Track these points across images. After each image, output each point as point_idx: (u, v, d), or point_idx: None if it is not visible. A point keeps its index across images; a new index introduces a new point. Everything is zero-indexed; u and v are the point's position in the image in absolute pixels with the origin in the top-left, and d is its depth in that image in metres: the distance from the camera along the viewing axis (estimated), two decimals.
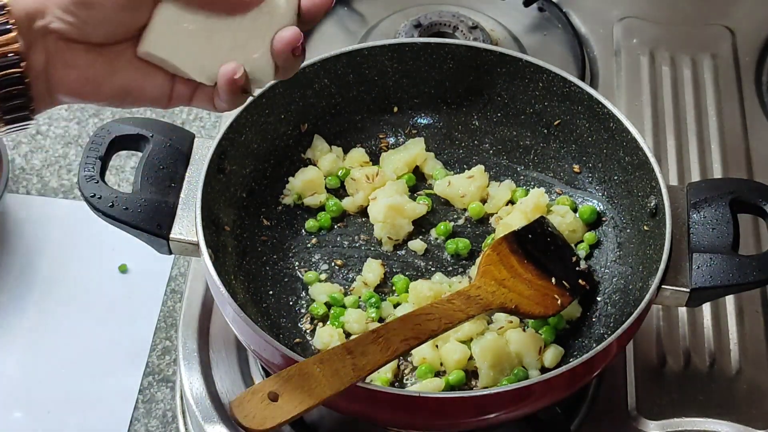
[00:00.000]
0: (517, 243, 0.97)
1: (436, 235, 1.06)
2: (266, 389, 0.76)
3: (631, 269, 1.00)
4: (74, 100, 0.74)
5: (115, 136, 0.98)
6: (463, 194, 1.07)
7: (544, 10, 1.36)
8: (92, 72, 0.72)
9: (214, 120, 1.38)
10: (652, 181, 0.97)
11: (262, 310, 0.99)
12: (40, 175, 1.31)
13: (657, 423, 1.01)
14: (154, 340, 1.18)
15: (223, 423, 0.99)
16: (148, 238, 0.95)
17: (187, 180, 0.98)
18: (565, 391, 0.90)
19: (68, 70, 0.71)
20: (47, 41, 0.70)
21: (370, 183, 1.06)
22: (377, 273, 1.02)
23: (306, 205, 1.07)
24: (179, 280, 1.22)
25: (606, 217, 1.05)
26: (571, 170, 1.08)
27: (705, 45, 1.33)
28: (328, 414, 0.99)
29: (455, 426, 0.91)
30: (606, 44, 1.33)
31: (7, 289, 1.20)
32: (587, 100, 1.03)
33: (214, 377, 1.03)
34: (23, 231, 1.26)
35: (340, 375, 0.79)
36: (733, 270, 0.92)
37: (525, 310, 0.93)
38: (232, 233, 1.01)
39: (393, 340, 0.83)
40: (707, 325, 1.08)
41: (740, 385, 1.04)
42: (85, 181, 0.95)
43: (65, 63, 0.71)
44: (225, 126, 1.00)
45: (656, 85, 1.29)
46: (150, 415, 1.13)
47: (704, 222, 0.95)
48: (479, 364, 0.95)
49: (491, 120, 1.11)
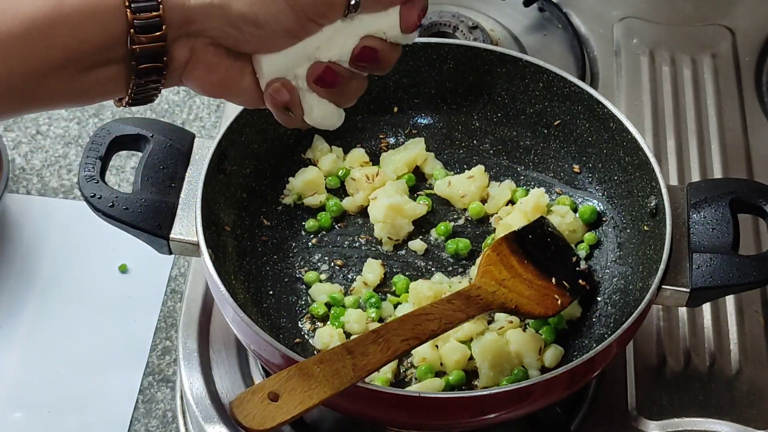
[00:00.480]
0: (517, 243, 0.97)
1: (436, 235, 1.06)
2: (266, 389, 0.76)
3: (631, 269, 1.00)
4: (200, 93, 0.76)
5: (116, 136, 0.98)
6: (464, 194, 1.07)
7: (544, 10, 1.36)
8: (228, 75, 0.75)
9: (214, 120, 1.38)
10: (652, 181, 0.97)
11: (262, 310, 0.99)
12: (40, 175, 1.31)
13: (657, 423, 1.01)
14: (154, 340, 1.18)
15: (223, 423, 0.99)
16: (148, 238, 0.95)
17: (187, 180, 0.98)
18: (565, 391, 0.90)
19: (209, 72, 0.73)
20: (196, 42, 0.72)
21: (370, 183, 1.06)
22: (377, 273, 1.02)
23: (306, 205, 1.07)
24: (179, 280, 1.22)
25: (606, 217, 1.05)
26: (571, 170, 1.08)
27: (705, 45, 1.33)
28: (328, 414, 0.99)
29: (455, 426, 0.91)
30: (606, 44, 1.33)
31: (7, 289, 1.20)
32: (587, 100, 1.03)
33: (214, 377, 1.03)
34: (23, 231, 1.26)
35: (340, 375, 0.79)
36: (733, 270, 0.92)
37: (525, 311, 0.93)
38: (233, 233, 1.01)
39: (393, 341, 0.83)
40: (707, 325, 1.08)
41: (740, 385, 1.04)
42: (85, 181, 0.95)
43: (207, 65, 0.73)
44: (225, 126, 1.00)
45: (656, 85, 1.29)
46: (150, 415, 1.13)
47: (704, 222, 0.95)
48: (479, 364, 0.95)
49: (491, 120, 1.11)
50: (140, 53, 0.70)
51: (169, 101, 1.39)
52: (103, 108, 1.38)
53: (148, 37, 0.69)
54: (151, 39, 0.69)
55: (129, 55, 0.70)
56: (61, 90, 0.70)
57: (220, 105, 1.39)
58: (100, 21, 0.68)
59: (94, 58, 0.69)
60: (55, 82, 0.69)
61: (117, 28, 0.69)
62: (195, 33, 0.71)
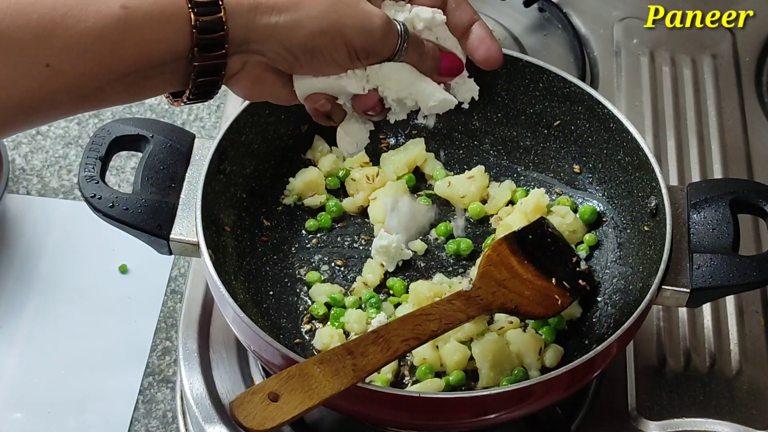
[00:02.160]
0: (517, 244, 0.97)
1: (436, 236, 1.06)
2: (266, 389, 0.76)
3: (632, 269, 1.00)
4: (240, 97, 0.80)
5: (116, 137, 0.98)
6: (464, 195, 1.07)
7: (544, 10, 1.36)
8: (271, 89, 0.78)
9: (214, 120, 1.38)
10: (652, 181, 0.97)
11: (263, 310, 0.99)
12: (41, 175, 1.31)
13: (657, 423, 1.01)
14: (155, 340, 1.18)
15: (223, 423, 0.99)
16: (148, 238, 0.95)
17: (188, 180, 0.98)
18: (566, 392, 0.90)
19: (255, 84, 0.77)
20: (251, 58, 0.75)
21: (371, 183, 1.06)
22: (377, 273, 1.02)
23: (306, 205, 1.07)
24: (179, 281, 1.22)
25: (606, 217, 1.05)
26: (571, 170, 1.08)
27: (705, 45, 1.33)
28: (328, 414, 1.00)
29: (455, 426, 0.91)
30: (606, 45, 1.33)
31: (7, 289, 1.20)
32: (587, 100, 1.03)
33: (214, 377, 1.03)
34: (23, 231, 1.26)
35: (341, 375, 0.79)
36: (733, 270, 0.92)
37: (525, 311, 0.93)
38: (233, 233, 1.01)
39: (393, 341, 0.83)
40: (707, 326, 1.08)
41: (740, 385, 1.04)
42: (86, 182, 0.95)
43: (255, 78, 0.76)
44: (225, 126, 1.00)
45: (656, 86, 1.29)
46: (150, 415, 1.13)
47: (704, 222, 0.95)
48: (479, 364, 0.95)
49: (491, 120, 1.11)
50: (199, 69, 0.72)
51: None
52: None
53: (209, 56, 0.71)
54: (212, 57, 0.72)
55: (189, 68, 0.72)
56: (120, 96, 0.72)
57: (220, 105, 1.39)
58: (165, 37, 0.70)
59: (156, 70, 0.71)
60: (117, 89, 0.71)
61: (181, 46, 0.71)
62: (252, 51, 0.74)
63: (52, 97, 0.68)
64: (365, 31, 0.74)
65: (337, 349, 0.81)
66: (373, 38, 0.75)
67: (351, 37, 0.74)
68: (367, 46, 0.75)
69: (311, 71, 0.77)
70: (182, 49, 0.71)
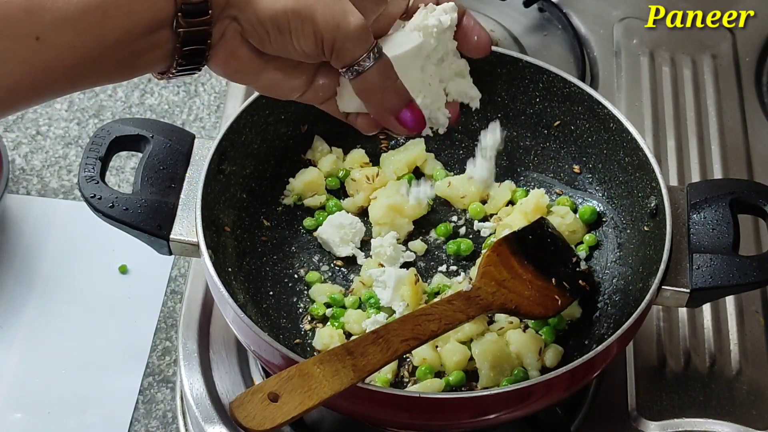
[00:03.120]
0: (517, 244, 0.97)
1: (436, 236, 1.06)
2: (266, 390, 0.76)
3: (632, 270, 1.00)
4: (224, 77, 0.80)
5: (116, 137, 0.98)
6: (464, 195, 1.07)
7: (544, 10, 1.36)
8: (248, 68, 0.77)
9: (214, 120, 1.38)
10: (652, 181, 0.97)
11: (262, 310, 0.99)
12: (40, 175, 1.31)
13: (657, 423, 1.01)
14: (155, 340, 1.18)
15: (223, 423, 0.99)
16: (148, 238, 0.95)
17: (187, 180, 0.98)
18: (566, 392, 0.90)
19: (230, 59, 0.76)
20: (229, 27, 0.74)
21: (371, 184, 1.06)
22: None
23: (306, 205, 1.07)
24: (179, 281, 1.22)
25: (606, 217, 1.05)
26: (571, 171, 1.08)
27: (705, 45, 1.33)
28: (328, 414, 1.00)
29: (455, 426, 0.91)
30: (606, 45, 1.33)
31: (7, 289, 1.20)
32: (587, 100, 1.03)
33: (214, 378, 1.03)
34: (23, 231, 1.26)
35: (341, 375, 0.79)
36: (733, 270, 0.92)
37: (525, 311, 0.93)
38: (233, 234, 1.01)
39: (393, 341, 0.83)
40: (707, 326, 1.08)
41: (740, 385, 1.04)
42: (86, 182, 0.95)
43: (231, 53, 0.76)
44: (225, 127, 1.00)
45: (656, 86, 1.29)
46: (150, 415, 1.13)
47: (704, 222, 0.95)
48: (479, 364, 0.95)
49: (491, 120, 1.10)
50: (185, 36, 0.72)
51: (169, 102, 1.39)
52: (103, 108, 1.38)
53: (193, 21, 0.72)
54: (196, 23, 0.72)
55: (175, 39, 0.72)
56: (111, 73, 0.73)
57: (220, 105, 1.39)
58: (149, 4, 0.71)
59: (144, 42, 0.71)
60: (108, 65, 0.71)
61: (164, 13, 0.71)
62: (230, 16, 0.74)
63: (46, 72, 0.69)
64: (336, 25, 0.74)
65: (336, 349, 0.81)
66: (341, 34, 0.74)
67: (321, 26, 0.73)
68: (335, 42, 0.74)
69: (278, 50, 0.76)
70: (166, 16, 0.71)
